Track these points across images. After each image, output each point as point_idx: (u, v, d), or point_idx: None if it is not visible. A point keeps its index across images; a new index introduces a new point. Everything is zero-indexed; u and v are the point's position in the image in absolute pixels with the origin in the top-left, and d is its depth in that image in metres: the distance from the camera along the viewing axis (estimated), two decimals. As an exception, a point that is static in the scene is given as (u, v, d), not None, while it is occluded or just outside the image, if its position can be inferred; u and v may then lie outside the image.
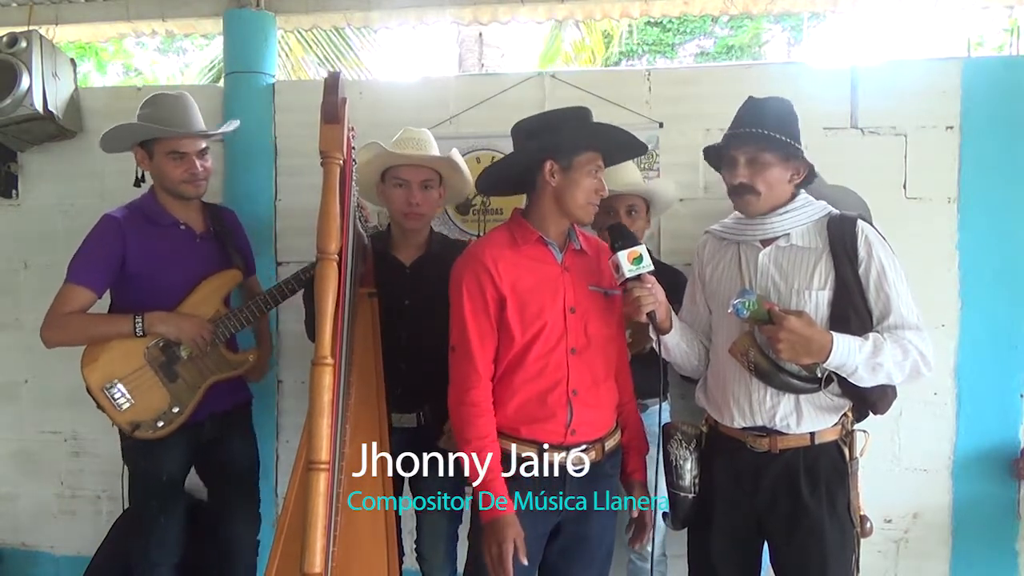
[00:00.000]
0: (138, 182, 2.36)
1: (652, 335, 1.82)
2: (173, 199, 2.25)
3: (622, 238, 1.72)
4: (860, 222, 1.74)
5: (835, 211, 1.79)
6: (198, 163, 2.21)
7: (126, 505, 2.42)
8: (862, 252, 1.70)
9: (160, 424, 2.15)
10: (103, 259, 2.16)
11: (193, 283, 2.21)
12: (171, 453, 2.21)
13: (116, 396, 2.14)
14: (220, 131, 2.39)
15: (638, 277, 1.69)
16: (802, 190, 1.80)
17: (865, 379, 1.66)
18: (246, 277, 2.39)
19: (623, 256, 1.68)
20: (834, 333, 1.62)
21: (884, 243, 1.74)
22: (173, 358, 2.18)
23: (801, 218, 1.76)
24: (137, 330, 2.12)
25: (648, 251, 1.72)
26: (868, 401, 1.74)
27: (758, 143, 1.73)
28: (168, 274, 2.19)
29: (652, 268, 1.71)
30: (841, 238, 1.72)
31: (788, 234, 1.76)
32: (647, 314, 1.70)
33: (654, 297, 1.70)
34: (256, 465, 2.45)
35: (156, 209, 2.24)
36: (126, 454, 2.24)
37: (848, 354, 1.61)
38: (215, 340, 2.20)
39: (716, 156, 1.87)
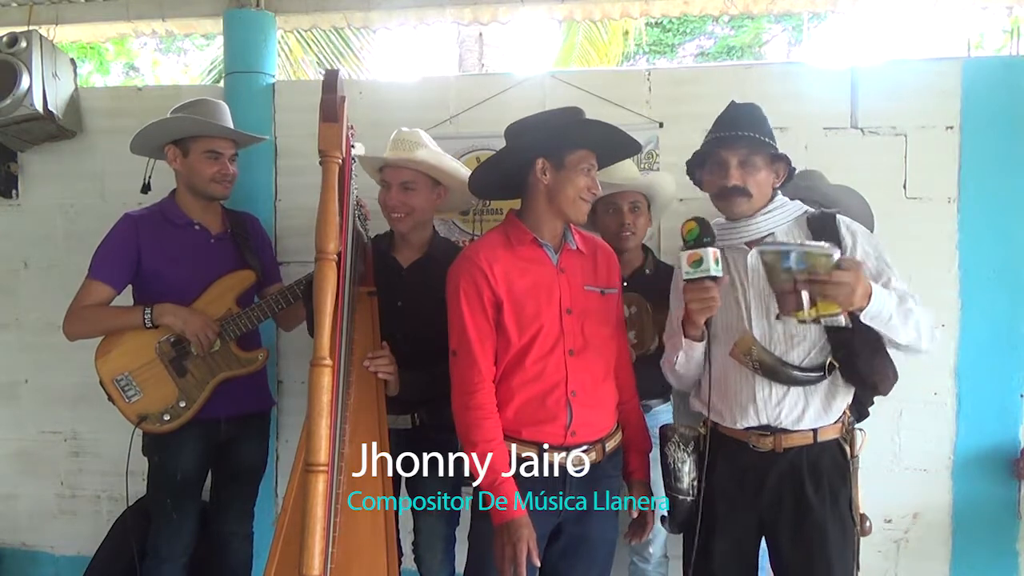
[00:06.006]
0: (145, 188, 2.41)
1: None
2: (194, 200, 2.31)
3: (691, 237, 1.64)
4: (839, 216, 1.78)
5: (811, 209, 1.83)
6: (229, 166, 2.29)
7: (127, 504, 2.43)
8: (847, 239, 1.73)
9: (167, 418, 2.18)
10: (118, 255, 2.23)
11: (206, 282, 2.25)
12: (186, 450, 2.23)
13: (126, 388, 2.19)
14: (259, 138, 2.49)
15: (692, 280, 1.62)
16: (779, 191, 1.82)
17: (898, 328, 1.62)
18: (267, 283, 2.40)
19: (683, 256, 1.63)
20: (870, 281, 1.58)
21: (866, 231, 1.78)
22: (183, 353, 2.21)
23: (782, 217, 1.78)
24: (146, 320, 2.17)
25: (717, 254, 1.61)
26: (870, 382, 1.72)
27: (750, 146, 1.74)
28: (180, 271, 2.24)
29: (710, 274, 1.60)
30: (823, 231, 1.74)
31: (772, 233, 1.77)
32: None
33: (700, 304, 1.64)
34: (263, 469, 2.48)
35: (174, 209, 2.31)
36: (144, 449, 2.28)
37: (883, 301, 1.59)
38: (224, 338, 2.22)
39: (696, 160, 1.86)
